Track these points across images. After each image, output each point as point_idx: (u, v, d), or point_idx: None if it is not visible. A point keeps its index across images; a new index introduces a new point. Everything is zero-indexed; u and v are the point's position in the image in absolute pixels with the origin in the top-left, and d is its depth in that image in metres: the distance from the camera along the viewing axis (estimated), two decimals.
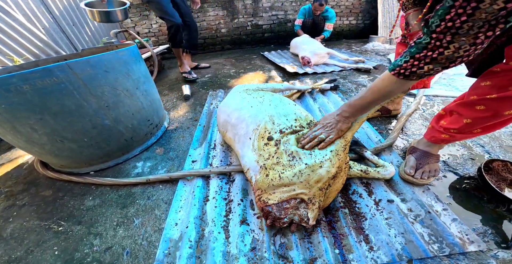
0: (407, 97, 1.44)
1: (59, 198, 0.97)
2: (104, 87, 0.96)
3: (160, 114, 1.34)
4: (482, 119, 0.68)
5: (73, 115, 0.91)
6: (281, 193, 0.70)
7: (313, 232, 0.72)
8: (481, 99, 0.65)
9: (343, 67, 2.09)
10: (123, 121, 1.07)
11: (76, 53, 1.44)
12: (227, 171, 0.94)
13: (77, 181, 1.03)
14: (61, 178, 1.06)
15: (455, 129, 0.75)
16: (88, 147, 1.01)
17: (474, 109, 0.68)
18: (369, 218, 0.74)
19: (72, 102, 0.89)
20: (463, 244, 0.64)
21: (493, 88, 0.63)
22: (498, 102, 0.62)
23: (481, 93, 0.65)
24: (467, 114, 0.71)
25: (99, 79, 0.94)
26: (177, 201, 0.87)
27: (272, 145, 0.77)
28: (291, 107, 0.92)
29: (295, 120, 0.84)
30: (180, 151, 1.17)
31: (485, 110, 0.66)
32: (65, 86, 0.86)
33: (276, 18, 3.74)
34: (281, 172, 0.70)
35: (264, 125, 0.83)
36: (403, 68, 0.58)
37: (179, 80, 2.29)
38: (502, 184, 0.79)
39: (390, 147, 1.01)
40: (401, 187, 0.82)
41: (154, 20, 3.47)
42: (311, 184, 0.67)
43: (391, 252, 0.64)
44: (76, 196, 0.97)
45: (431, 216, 0.71)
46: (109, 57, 0.97)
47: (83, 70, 0.89)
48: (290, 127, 0.81)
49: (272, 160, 0.74)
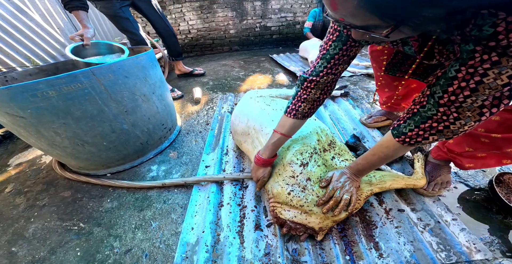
0: None
1: (78, 199, 1.01)
2: (124, 92, 0.99)
3: (173, 117, 1.37)
4: (483, 151, 0.70)
5: (94, 119, 0.95)
6: (294, 214, 0.73)
7: (325, 239, 0.74)
8: (487, 135, 0.66)
9: (353, 73, 2.09)
10: (140, 126, 1.10)
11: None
12: (241, 178, 0.97)
13: (95, 182, 1.07)
14: (80, 179, 1.10)
15: (458, 153, 0.77)
16: (107, 150, 1.05)
17: (479, 141, 0.69)
18: (380, 226, 0.76)
19: (94, 107, 0.92)
20: (470, 253, 0.66)
21: (501, 125, 0.62)
22: (503, 141, 0.64)
23: (488, 127, 0.65)
24: (471, 145, 0.72)
25: (119, 84, 0.97)
26: (192, 205, 0.90)
27: (297, 165, 0.78)
28: (311, 124, 0.92)
29: (318, 141, 0.85)
30: (193, 155, 1.20)
31: (490, 144, 0.68)
32: (88, 92, 0.89)
33: (285, 20, 3.74)
34: (303, 197, 0.73)
35: (288, 145, 0.84)
36: (408, 137, 0.55)
37: (189, 82, 2.32)
38: (511, 196, 0.80)
39: (402, 157, 1.02)
40: (412, 197, 0.84)
41: None
42: (327, 217, 0.71)
43: (400, 259, 0.67)
44: (95, 198, 1.01)
45: (440, 225, 0.73)
46: (129, 62, 1.00)
47: (105, 76, 0.92)
48: (314, 151, 0.82)
49: (295, 180, 0.76)
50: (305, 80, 0.68)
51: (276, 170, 0.82)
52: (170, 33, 2.04)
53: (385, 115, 1.23)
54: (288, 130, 0.75)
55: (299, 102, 0.71)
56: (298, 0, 3.58)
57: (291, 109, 0.72)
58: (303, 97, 0.70)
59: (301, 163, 0.78)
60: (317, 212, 0.71)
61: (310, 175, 0.76)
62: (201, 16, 3.53)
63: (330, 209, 0.70)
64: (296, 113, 0.72)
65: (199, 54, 3.75)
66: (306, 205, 0.72)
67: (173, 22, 3.51)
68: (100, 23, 2.92)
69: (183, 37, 3.67)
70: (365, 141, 1.17)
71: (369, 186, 0.77)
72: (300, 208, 0.73)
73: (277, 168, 0.82)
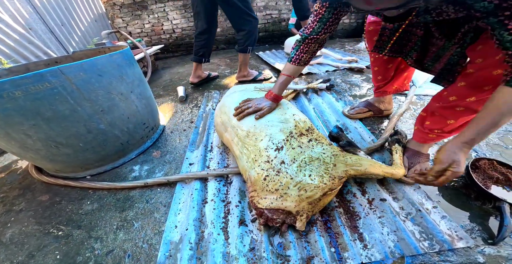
0: (398, 97, 1.48)
1: (57, 203, 0.97)
2: (98, 91, 0.96)
3: (155, 116, 1.34)
4: (463, 118, 0.75)
5: (67, 120, 0.91)
6: (271, 200, 0.72)
7: (310, 231, 0.74)
8: (461, 101, 0.70)
9: (336, 67, 2.11)
10: (119, 125, 1.06)
11: (67, 56, 1.42)
12: (225, 173, 0.96)
13: (74, 185, 1.03)
14: (57, 183, 1.05)
15: (439, 129, 0.81)
16: (84, 151, 1.01)
17: (455, 110, 0.74)
18: (363, 217, 0.76)
19: (66, 107, 0.89)
20: (452, 241, 0.67)
21: (469, 88, 0.67)
22: (477, 103, 0.68)
23: (460, 94, 0.70)
24: (450, 116, 0.76)
25: (92, 83, 0.93)
26: (176, 204, 0.88)
27: (272, 149, 0.78)
28: (290, 111, 0.93)
29: (295, 127, 0.85)
30: (177, 154, 1.17)
31: (465, 111, 0.73)
32: (58, 91, 0.85)
33: (270, 18, 3.74)
34: (278, 180, 0.72)
35: (265, 129, 0.84)
36: None
37: (173, 81, 2.28)
38: (488, 182, 0.82)
39: (383, 146, 1.04)
40: (393, 186, 0.85)
41: (147, 20, 3.42)
42: (302, 199, 0.69)
43: (384, 249, 0.67)
44: (74, 200, 0.97)
45: (421, 214, 0.74)
46: (102, 60, 0.96)
47: (76, 75, 0.88)
48: (291, 134, 0.82)
49: (270, 165, 0.75)
50: (307, 38, 0.85)
51: (252, 156, 0.80)
52: None
53: (367, 106, 1.26)
54: (293, 73, 0.94)
55: (302, 53, 0.89)
56: None
57: (295, 58, 0.91)
58: (305, 49, 0.88)
59: (276, 147, 0.78)
60: (292, 194, 0.70)
61: (285, 158, 0.75)
62: (185, 15, 3.47)
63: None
64: (299, 61, 0.91)
65: (185, 53, 3.70)
66: (281, 189, 0.71)
67: (156, 21, 3.45)
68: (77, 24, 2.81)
69: (168, 37, 3.61)
70: (348, 132, 1.18)
71: (344, 166, 0.76)
72: (276, 192, 0.72)
73: (253, 154, 0.80)
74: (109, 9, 3.29)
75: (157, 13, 3.40)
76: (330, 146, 0.82)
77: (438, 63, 0.77)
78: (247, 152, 0.83)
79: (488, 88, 0.64)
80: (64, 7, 2.57)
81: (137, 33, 3.51)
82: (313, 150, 0.78)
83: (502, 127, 1.13)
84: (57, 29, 2.41)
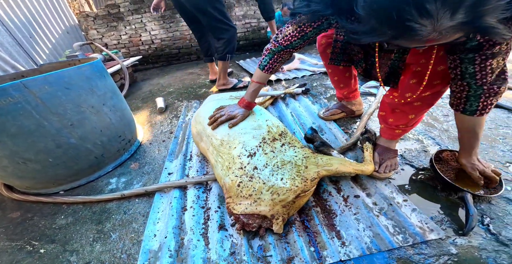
0: (368, 97, 1.56)
1: (28, 219, 0.94)
2: (66, 104, 0.93)
3: (132, 129, 1.32)
4: (422, 111, 0.84)
5: (34, 135, 0.87)
6: (245, 206, 0.73)
7: (289, 232, 0.75)
8: (417, 96, 0.77)
9: (313, 71, 2.20)
10: (91, 139, 1.03)
11: (35, 69, 1.37)
12: (203, 181, 0.95)
13: (46, 201, 0.99)
14: (29, 200, 1.01)
15: (404, 124, 0.88)
16: (54, 167, 0.97)
17: (413, 105, 0.81)
18: (339, 214, 0.79)
19: (31, 122, 0.85)
20: (424, 233, 0.69)
21: (420, 83, 0.74)
22: (432, 97, 0.77)
23: (414, 90, 0.77)
24: (410, 111, 0.83)
25: (59, 96, 0.91)
26: (154, 212, 0.87)
27: (245, 156, 0.79)
28: (263, 117, 0.95)
29: (268, 132, 0.87)
30: (156, 164, 1.15)
31: (422, 105, 0.81)
32: (22, 106, 0.82)
33: (249, 26, 3.84)
34: (251, 186, 0.73)
35: (238, 137, 0.85)
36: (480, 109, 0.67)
37: (153, 93, 2.25)
38: (451, 173, 0.86)
39: (355, 145, 1.09)
40: (365, 182, 0.89)
41: (124, 31, 3.38)
42: (275, 202, 0.71)
43: (361, 245, 0.68)
44: (47, 216, 0.94)
45: (393, 208, 0.78)
46: (69, 73, 0.94)
47: (41, 88, 0.85)
48: (264, 140, 0.84)
49: (243, 171, 0.76)
50: (283, 50, 0.85)
51: (226, 164, 0.81)
52: None
53: (340, 108, 1.33)
54: (264, 80, 0.96)
55: (275, 62, 0.90)
56: None
57: (268, 67, 0.91)
58: (278, 59, 0.90)
59: (249, 154, 0.79)
60: (265, 199, 0.71)
61: (257, 163, 0.77)
62: (164, 26, 3.48)
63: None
64: (272, 70, 0.92)
65: (165, 64, 3.68)
66: (255, 194, 0.72)
67: (133, 32, 3.42)
68: (47, 36, 2.73)
69: (146, 48, 3.58)
70: (323, 133, 1.22)
71: (316, 167, 0.78)
72: (250, 198, 0.73)
73: (227, 162, 0.81)
74: (82, 20, 3.22)
75: (134, 24, 3.37)
76: (302, 148, 0.85)
77: (382, 70, 0.87)
78: (222, 160, 0.84)
79: (437, 82, 0.71)
80: (32, 19, 2.49)
81: (113, 45, 3.46)
82: (285, 154, 0.80)
83: None
84: (25, 42, 2.33)
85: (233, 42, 1.83)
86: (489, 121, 1.19)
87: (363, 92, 1.63)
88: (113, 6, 3.20)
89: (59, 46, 2.85)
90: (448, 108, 1.35)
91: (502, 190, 0.76)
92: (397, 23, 0.40)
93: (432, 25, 0.39)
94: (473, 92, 0.63)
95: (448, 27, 0.39)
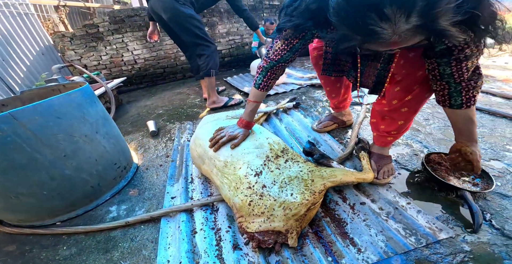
0: (355, 107, 1.66)
1: (27, 252, 0.87)
2: (58, 135, 0.89)
3: (127, 155, 1.27)
4: (409, 117, 0.88)
5: (26, 169, 0.83)
6: (259, 223, 0.75)
7: (304, 244, 0.76)
8: (402, 103, 0.84)
9: (300, 85, 2.29)
10: (86, 169, 0.99)
11: (15, 97, 1.27)
12: (210, 202, 0.95)
13: (43, 233, 0.93)
14: (23, 233, 0.94)
15: (395, 130, 0.93)
16: (49, 199, 0.92)
17: (400, 112, 0.87)
18: (349, 222, 0.81)
19: (23, 155, 0.81)
20: (434, 233, 0.73)
21: (404, 91, 0.81)
22: (416, 102, 0.82)
23: (399, 97, 0.83)
24: (398, 117, 0.89)
25: (50, 127, 0.87)
26: (163, 238, 0.84)
27: (252, 175, 0.81)
28: (264, 135, 0.98)
29: (271, 150, 0.90)
30: (156, 189, 1.12)
31: (409, 111, 0.86)
32: (12, 139, 0.78)
33: (233, 43, 3.96)
34: (262, 204, 0.75)
35: (242, 157, 0.87)
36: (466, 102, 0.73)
37: (141, 115, 2.20)
38: (443, 172, 0.92)
39: (351, 154, 1.14)
40: (368, 189, 0.93)
41: (104, 51, 3.32)
42: (288, 217, 0.73)
43: (377, 250, 0.71)
44: (47, 247, 0.88)
45: (399, 211, 0.82)
46: (59, 101, 0.90)
47: (31, 119, 0.81)
48: (267, 158, 0.86)
49: (252, 190, 0.78)
50: (275, 65, 0.88)
51: (233, 185, 0.82)
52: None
53: (332, 120, 1.40)
54: (259, 98, 0.98)
55: (269, 79, 0.92)
56: (242, 23, 3.86)
57: (264, 85, 0.93)
58: (272, 76, 0.91)
59: (256, 173, 0.81)
60: (278, 214, 0.73)
61: (265, 181, 0.79)
62: (146, 45, 3.48)
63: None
64: (267, 88, 0.94)
65: (151, 84, 3.64)
66: (267, 211, 0.74)
67: (114, 53, 3.37)
68: (20, 58, 2.61)
69: (130, 68, 3.54)
70: (319, 145, 1.27)
71: (321, 180, 0.82)
72: (262, 215, 0.74)
73: (234, 183, 0.82)
74: (58, 41, 3.12)
75: (115, 44, 3.33)
76: (306, 163, 0.89)
77: (370, 79, 0.95)
78: (228, 181, 0.85)
79: (416, 87, 0.79)
80: (5, 41, 2.36)
81: (93, 66, 3.37)
82: (291, 170, 0.83)
83: (442, 123, 1.33)
84: None
85: (215, 57, 1.92)
86: None
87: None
88: (91, 26, 3.14)
89: (34, 69, 2.71)
90: (428, 112, 1.47)
91: (493, 185, 0.83)
92: (362, 28, 0.46)
93: (392, 28, 0.44)
94: (453, 89, 0.69)
95: (405, 30, 0.45)
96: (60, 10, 3.63)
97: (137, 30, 3.33)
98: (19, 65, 2.51)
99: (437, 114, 1.44)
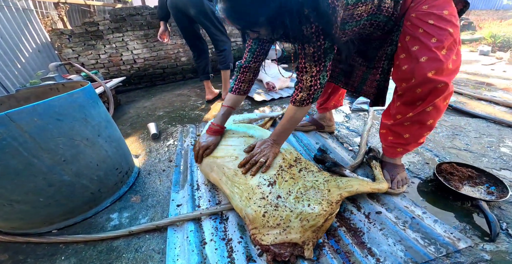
0: (361, 114, 1.65)
1: (21, 261, 0.82)
2: (58, 139, 0.82)
3: (128, 159, 1.21)
4: (416, 131, 0.84)
5: (21, 175, 0.77)
6: (274, 235, 0.72)
7: (320, 255, 0.73)
8: (404, 118, 0.82)
9: None
10: (87, 174, 0.93)
11: (9, 95, 1.19)
12: (219, 211, 0.91)
13: (38, 241, 0.87)
14: (16, 241, 0.88)
15: (403, 143, 0.90)
16: (46, 206, 0.86)
17: (404, 126, 0.85)
18: (366, 231, 0.79)
19: (18, 160, 0.75)
20: (453, 242, 0.71)
21: (405, 106, 0.80)
22: (418, 117, 0.79)
23: (401, 112, 0.82)
24: (403, 131, 0.86)
25: (50, 129, 0.80)
26: (171, 249, 0.79)
27: (265, 185, 0.78)
28: None
29: (283, 160, 0.87)
30: (160, 196, 1.07)
31: (412, 124, 0.83)
32: (8, 143, 0.72)
33: (235, 45, 3.92)
34: (278, 215, 0.72)
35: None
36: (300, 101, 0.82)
37: (141, 117, 2.13)
38: (456, 183, 0.91)
39: (362, 162, 1.12)
40: (382, 198, 0.91)
41: (103, 50, 3.24)
42: (306, 229, 0.71)
43: (397, 260, 0.68)
44: (43, 257, 0.82)
45: (416, 220, 0.80)
46: (60, 101, 0.83)
47: (29, 121, 0.75)
48: (281, 168, 0.83)
49: (266, 201, 0.75)
50: (241, 67, 0.96)
51: (245, 195, 0.79)
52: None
53: (311, 121, 1.44)
54: (233, 103, 1.00)
55: (240, 82, 0.98)
56: None
57: (236, 88, 0.98)
58: (242, 79, 0.97)
59: (269, 183, 0.78)
60: (295, 226, 0.70)
61: (280, 192, 0.76)
62: (147, 45, 3.42)
63: (248, 170, 0.82)
64: (239, 91, 0.99)
65: (149, 85, 3.57)
66: (283, 223, 0.71)
67: (113, 52, 3.30)
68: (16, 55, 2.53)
69: (128, 68, 3.47)
70: (329, 152, 1.24)
71: (338, 190, 0.79)
72: (278, 227, 0.71)
73: (246, 193, 0.79)
74: (55, 38, 3.04)
75: (114, 43, 3.26)
76: (320, 172, 0.86)
77: (365, 86, 0.94)
78: (239, 191, 0.81)
79: (419, 103, 0.76)
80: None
81: (91, 65, 3.29)
82: (306, 179, 0.81)
83: (450, 131, 1.33)
84: None
85: (231, 52, 2.13)
86: (473, 131, 1.32)
87: (355, 109, 1.73)
88: (92, 24, 3.08)
89: (29, 67, 2.62)
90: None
91: (508, 194, 0.82)
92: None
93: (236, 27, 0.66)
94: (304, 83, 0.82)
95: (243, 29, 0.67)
96: (60, 7, 3.54)
97: (138, 29, 3.27)
98: (14, 62, 2.42)
99: (443, 122, 1.45)
